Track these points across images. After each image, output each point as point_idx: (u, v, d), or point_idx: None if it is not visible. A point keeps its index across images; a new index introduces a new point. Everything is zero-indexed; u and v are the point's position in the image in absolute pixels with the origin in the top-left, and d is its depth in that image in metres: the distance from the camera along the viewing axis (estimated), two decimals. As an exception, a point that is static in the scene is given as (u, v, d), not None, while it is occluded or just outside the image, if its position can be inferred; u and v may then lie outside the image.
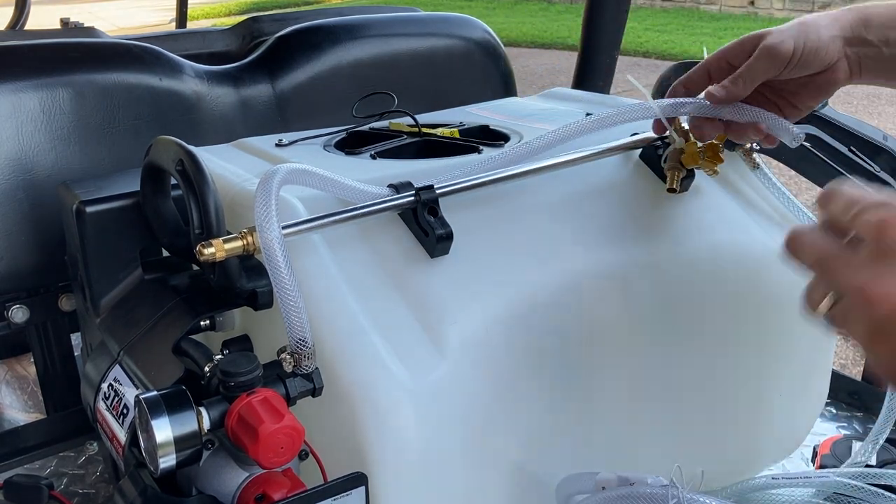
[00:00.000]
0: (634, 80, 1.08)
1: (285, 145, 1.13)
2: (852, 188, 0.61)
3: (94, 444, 1.35)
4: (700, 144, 1.00)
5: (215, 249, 0.78)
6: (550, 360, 0.93)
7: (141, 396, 0.70)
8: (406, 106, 1.22)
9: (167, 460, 0.69)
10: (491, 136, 1.15)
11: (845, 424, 1.41)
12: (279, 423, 0.68)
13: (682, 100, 0.95)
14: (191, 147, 0.85)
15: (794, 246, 0.64)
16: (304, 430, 0.70)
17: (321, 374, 0.77)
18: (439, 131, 1.17)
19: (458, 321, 0.87)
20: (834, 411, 1.45)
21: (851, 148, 1.10)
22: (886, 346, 0.55)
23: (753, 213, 1.12)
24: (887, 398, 1.09)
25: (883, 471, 1.06)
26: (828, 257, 0.60)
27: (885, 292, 0.53)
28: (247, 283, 0.82)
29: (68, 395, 1.40)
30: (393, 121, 1.25)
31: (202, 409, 0.71)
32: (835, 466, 1.15)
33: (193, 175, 0.82)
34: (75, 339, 1.42)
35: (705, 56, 1.04)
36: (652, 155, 1.06)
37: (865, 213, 0.57)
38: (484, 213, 0.96)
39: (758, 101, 0.95)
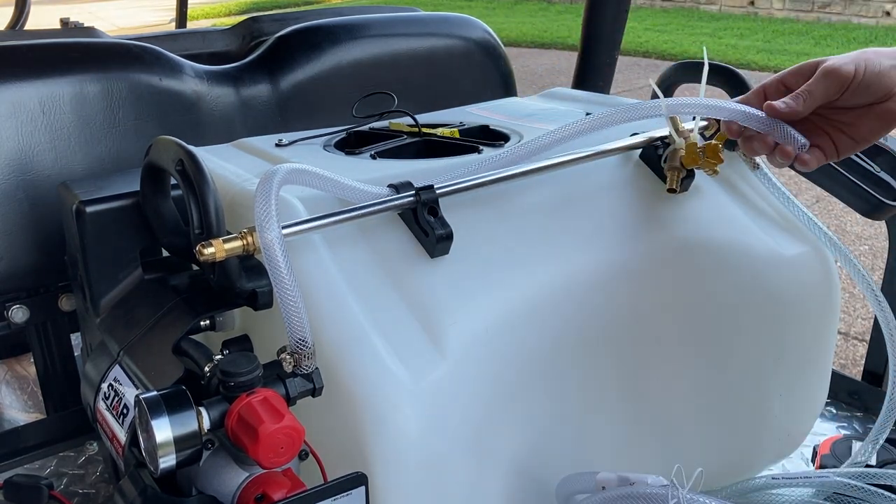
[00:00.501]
0: (653, 83, 1.07)
1: (285, 145, 1.13)
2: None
3: (94, 444, 1.35)
4: (700, 144, 1.00)
5: (215, 249, 0.78)
6: (550, 360, 0.93)
7: (141, 396, 0.70)
8: (406, 106, 1.22)
9: (167, 460, 0.69)
10: (491, 136, 1.15)
11: (845, 424, 1.41)
12: (279, 423, 0.68)
13: (688, 99, 0.94)
14: (191, 147, 0.85)
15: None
16: (304, 430, 0.70)
17: (321, 374, 0.77)
18: (439, 131, 1.17)
19: (458, 321, 0.87)
20: (834, 411, 1.45)
21: (851, 147, 1.10)
22: None
23: (753, 213, 1.12)
24: (887, 398, 1.09)
25: (883, 471, 1.06)
26: None
27: None
28: (247, 283, 0.82)
29: (68, 395, 1.40)
30: (393, 121, 1.25)
31: (202, 409, 0.71)
32: (835, 466, 1.15)
33: (193, 175, 0.82)
34: (75, 339, 1.42)
35: (705, 56, 1.05)
36: (652, 155, 1.06)
37: None
38: (484, 213, 0.96)
39: (815, 132, 0.92)
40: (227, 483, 0.73)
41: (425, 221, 0.89)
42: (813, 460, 1.22)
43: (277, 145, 1.13)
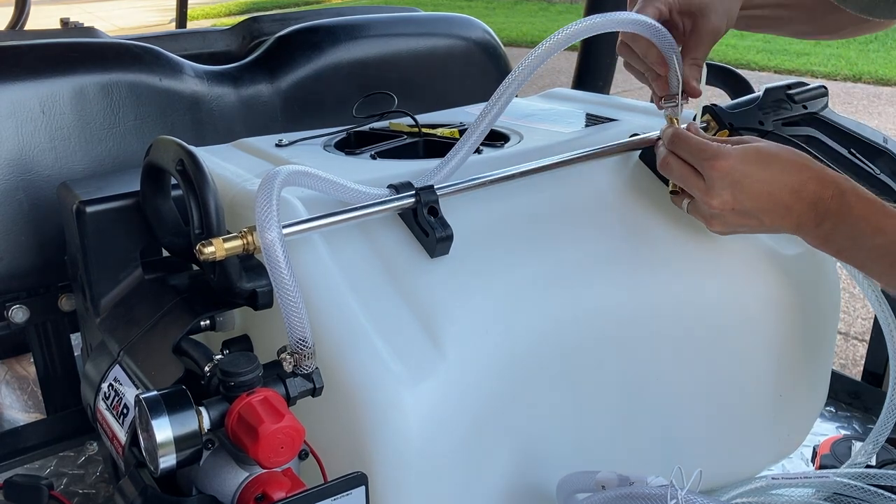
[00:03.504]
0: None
1: (285, 145, 1.13)
2: (691, 137, 0.95)
3: (94, 444, 1.35)
4: None
5: (215, 249, 0.78)
6: (550, 359, 0.93)
7: (141, 396, 0.70)
8: (406, 106, 1.22)
9: (167, 460, 0.69)
10: (491, 136, 1.15)
11: (845, 424, 1.41)
12: (279, 422, 0.68)
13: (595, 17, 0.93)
14: (191, 147, 0.85)
15: (665, 168, 0.97)
16: (304, 430, 0.70)
17: (321, 373, 0.77)
18: (439, 131, 1.17)
19: (458, 321, 0.87)
20: (834, 411, 1.45)
21: (852, 150, 1.10)
22: (718, 223, 0.94)
23: (753, 213, 1.11)
24: (887, 398, 1.09)
25: (883, 471, 1.06)
26: (687, 178, 0.94)
27: (716, 202, 0.91)
28: (247, 282, 0.82)
29: (68, 395, 1.40)
30: (393, 121, 1.25)
31: (202, 409, 0.71)
32: (834, 467, 1.15)
33: (193, 175, 0.82)
34: (75, 339, 1.42)
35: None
36: (652, 156, 1.06)
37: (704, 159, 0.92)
38: (484, 213, 0.96)
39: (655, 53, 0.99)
40: (227, 483, 0.73)
41: (426, 222, 0.89)
42: (813, 460, 1.22)
43: (277, 145, 1.13)
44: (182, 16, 3.28)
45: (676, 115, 1.01)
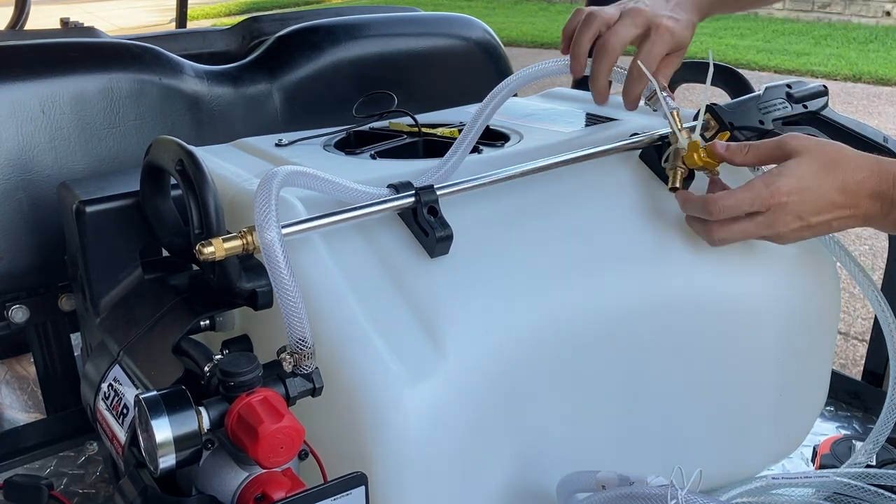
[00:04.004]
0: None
1: (285, 145, 1.13)
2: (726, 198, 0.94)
3: (94, 444, 1.35)
4: (703, 144, 1.00)
5: (215, 248, 0.78)
6: (550, 360, 0.93)
7: (141, 396, 0.70)
8: (406, 106, 1.22)
9: (167, 460, 0.69)
10: (491, 136, 1.15)
11: (845, 424, 1.41)
12: (279, 422, 0.68)
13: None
14: (190, 147, 0.85)
15: (724, 242, 0.99)
16: (304, 430, 0.70)
17: (321, 373, 0.77)
18: (439, 131, 1.17)
19: (458, 321, 0.87)
20: (834, 411, 1.45)
21: (851, 149, 1.10)
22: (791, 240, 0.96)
23: (753, 212, 1.11)
24: (888, 398, 1.09)
25: (883, 471, 1.06)
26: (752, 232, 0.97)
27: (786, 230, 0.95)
28: (246, 282, 0.82)
29: (68, 395, 1.40)
30: (393, 121, 1.25)
31: (202, 409, 0.71)
32: (835, 466, 1.15)
33: (193, 175, 0.82)
34: (75, 339, 1.42)
35: (710, 57, 1.05)
36: (651, 155, 1.06)
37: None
38: (483, 213, 0.96)
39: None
40: (226, 483, 0.73)
41: (425, 221, 0.89)
42: (813, 460, 1.22)
43: (277, 145, 1.13)
44: (182, 16, 3.28)
45: (670, 111, 1.00)
